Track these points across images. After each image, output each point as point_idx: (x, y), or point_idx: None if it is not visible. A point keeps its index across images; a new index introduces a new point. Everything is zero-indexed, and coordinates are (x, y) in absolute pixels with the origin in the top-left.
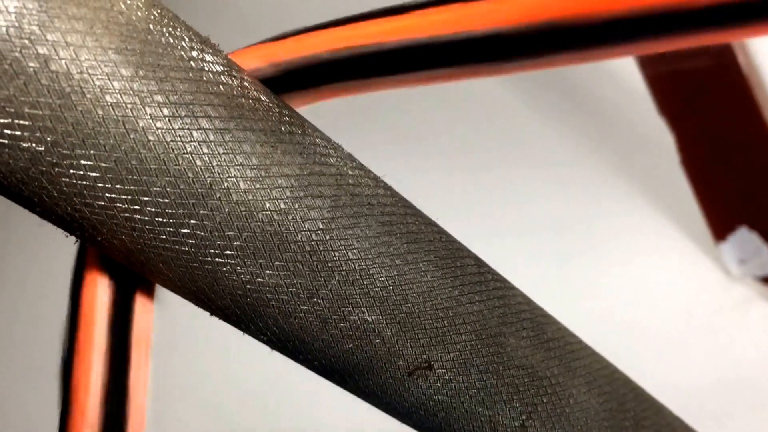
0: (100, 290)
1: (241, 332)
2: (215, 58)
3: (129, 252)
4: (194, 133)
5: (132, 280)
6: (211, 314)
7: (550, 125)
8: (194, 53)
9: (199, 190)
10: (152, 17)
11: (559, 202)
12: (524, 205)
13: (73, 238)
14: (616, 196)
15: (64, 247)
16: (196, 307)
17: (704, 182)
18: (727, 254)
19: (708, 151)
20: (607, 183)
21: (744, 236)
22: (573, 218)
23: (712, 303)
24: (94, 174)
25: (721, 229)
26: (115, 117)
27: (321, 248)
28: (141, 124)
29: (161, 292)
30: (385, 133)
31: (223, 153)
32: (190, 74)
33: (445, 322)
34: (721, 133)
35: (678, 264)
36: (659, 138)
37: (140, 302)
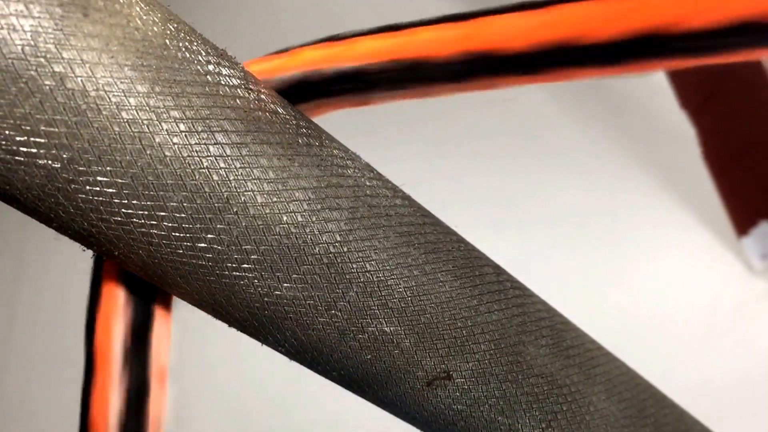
0: (117, 302)
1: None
2: (232, 71)
3: (146, 266)
4: (210, 148)
5: (150, 292)
6: (229, 326)
7: (572, 118)
8: (210, 67)
9: (215, 204)
10: (168, 32)
11: (581, 196)
12: (545, 199)
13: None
14: (638, 190)
15: (82, 252)
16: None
17: (726, 176)
18: (750, 249)
19: (730, 146)
20: (630, 177)
21: (766, 231)
22: (594, 212)
23: (735, 297)
24: (110, 190)
25: (743, 223)
26: (132, 133)
27: (338, 260)
28: (157, 140)
29: (179, 301)
30: (404, 125)
31: (240, 167)
32: (207, 89)
33: (464, 331)
34: (742, 127)
35: (700, 258)
36: (682, 131)
37: (158, 313)
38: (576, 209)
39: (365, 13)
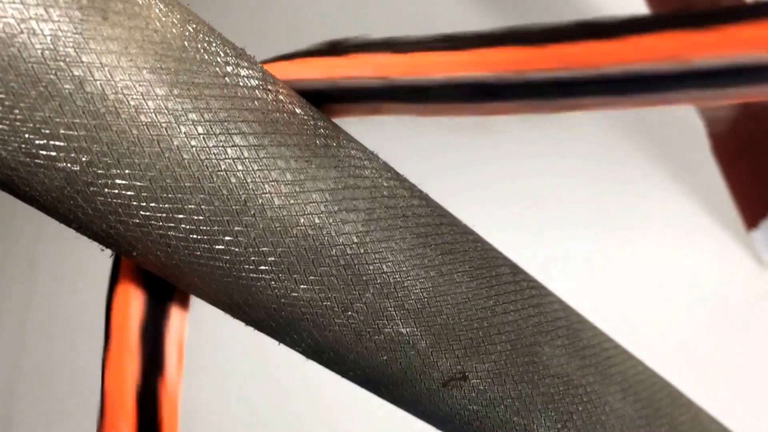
0: (132, 300)
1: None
2: (250, 71)
3: (164, 266)
4: (228, 151)
5: (166, 290)
6: (246, 325)
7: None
8: (229, 68)
9: (233, 206)
10: (187, 33)
11: (590, 189)
12: (555, 193)
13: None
14: (645, 182)
15: (95, 254)
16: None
17: (735, 169)
18: (759, 242)
19: (739, 138)
20: (638, 169)
21: None
22: (601, 204)
23: (744, 290)
24: (128, 193)
25: (752, 216)
26: (150, 136)
27: (355, 262)
28: (175, 142)
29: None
30: (417, 122)
31: (258, 169)
32: (225, 90)
33: (480, 332)
34: (752, 119)
35: (709, 251)
36: (691, 124)
37: (175, 311)
38: (583, 201)
39: (383, 13)
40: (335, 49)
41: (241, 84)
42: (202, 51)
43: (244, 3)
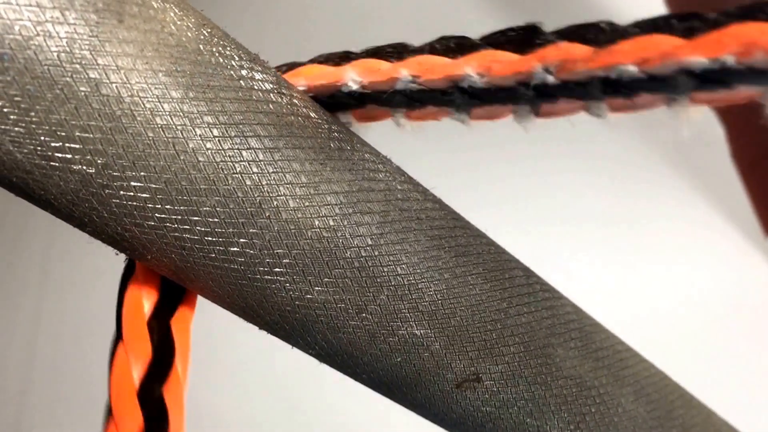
0: (143, 299)
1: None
2: (264, 75)
3: (178, 269)
4: (244, 153)
5: (175, 292)
6: (260, 328)
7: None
8: (244, 72)
9: (248, 209)
10: (202, 37)
11: (606, 193)
12: (571, 196)
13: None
14: (663, 187)
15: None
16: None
17: (755, 174)
18: None
19: (759, 143)
20: (655, 174)
21: None
22: (619, 210)
23: (762, 297)
24: (144, 195)
25: None
26: (166, 139)
27: (370, 264)
28: (191, 145)
29: (205, 302)
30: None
31: (273, 172)
32: (240, 93)
33: (494, 334)
34: None
35: (727, 258)
36: (709, 129)
37: (183, 312)
38: (600, 206)
39: (394, 17)
40: (352, 56)
41: (255, 87)
42: (217, 54)
43: (253, 10)
